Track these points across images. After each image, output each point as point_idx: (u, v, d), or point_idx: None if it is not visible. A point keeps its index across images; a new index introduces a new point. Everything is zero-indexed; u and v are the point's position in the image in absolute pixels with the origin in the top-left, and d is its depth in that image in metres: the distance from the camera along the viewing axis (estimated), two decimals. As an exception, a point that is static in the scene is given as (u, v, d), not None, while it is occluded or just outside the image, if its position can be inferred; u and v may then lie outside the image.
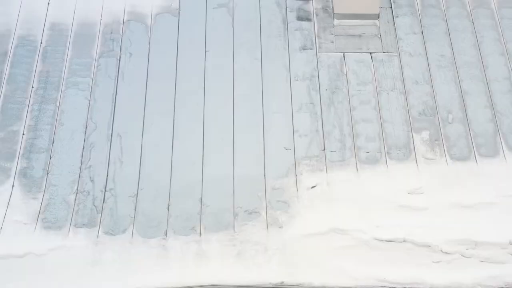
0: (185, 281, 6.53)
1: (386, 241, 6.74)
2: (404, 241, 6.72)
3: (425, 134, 7.63)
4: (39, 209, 7.09)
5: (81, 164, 7.44)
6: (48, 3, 8.71)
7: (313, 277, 6.55)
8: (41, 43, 8.38)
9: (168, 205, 7.11)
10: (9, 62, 8.20)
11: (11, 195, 7.18)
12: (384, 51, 8.32)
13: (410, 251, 6.68)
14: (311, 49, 8.35)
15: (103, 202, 7.13)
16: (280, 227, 6.92)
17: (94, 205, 7.11)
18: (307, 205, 7.08)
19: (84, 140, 7.61)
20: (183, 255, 6.69)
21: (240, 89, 8.02)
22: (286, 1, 8.75)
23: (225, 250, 6.73)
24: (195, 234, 6.88)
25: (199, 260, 6.68)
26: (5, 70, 8.12)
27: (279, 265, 6.64)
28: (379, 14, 8.60)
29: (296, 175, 7.32)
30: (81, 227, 6.94)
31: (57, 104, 7.88)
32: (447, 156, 7.39)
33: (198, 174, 7.36)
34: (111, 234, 6.88)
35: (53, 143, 7.59)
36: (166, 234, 6.87)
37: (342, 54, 8.30)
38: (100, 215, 7.03)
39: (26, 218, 6.99)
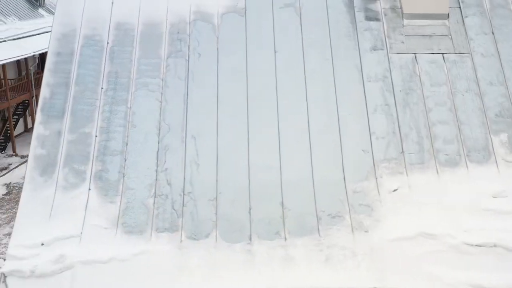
0: (273, 286, 6.38)
1: (476, 245, 6.60)
2: (495, 245, 6.58)
3: (504, 136, 7.51)
4: (118, 213, 6.93)
5: (157, 166, 7.28)
6: (112, 3, 8.54)
7: (404, 282, 6.41)
8: (108, 43, 8.21)
9: (250, 209, 6.97)
10: (76, 62, 8.02)
11: (88, 199, 7.02)
12: (455, 52, 8.18)
13: (501, 256, 6.55)
14: (381, 49, 8.21)
15: (183, 206, 6.98)
16: (365, 231, 6.78)
17: (173, 209, 6.96)
18: (390, 208, 6.94)
19: (158, 142, 7.46)
20: (270, 260, 6.55)
21: (312, 90, 7.88)
22: (353, 1, 8.59)
23: (312, 255, 6.59)
24: (280, 238, 6.74)
25: (286, 265, 6.54)
26: (72, 70, 7.94)
27: (368, 270, 6.50)
28: (448, 14, 8.45)
29: (376, 178, 7.18)
30: (162, 232, 6.79)
31: (128, 105, 7.72)
32: (529, 158, 7.27)
33: (277, 177, 7.22)
34: (194, 239, 6.73)
35: (126, 145, 7.43)
36: (250, 239, 6.72)
37: (413, 54, 8.17)
38: (181, 219, 6.88)
39: (106, 223, 6.84)
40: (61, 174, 7.18)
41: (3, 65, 32.13)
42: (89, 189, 7.09)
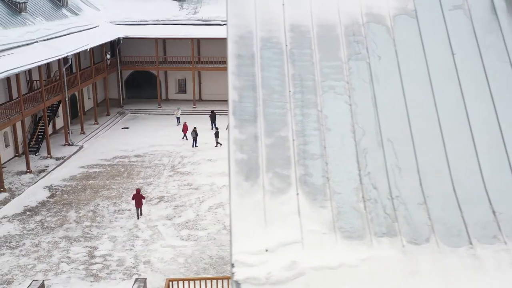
0: (507, 291, 6.33)
1: None
2: None
3: None
4: (331, 218, 6.83)
5: (359, 170, 7.19)
6: (283, 4, 8.44)
7: None
8: (286, 45, 8.11)
9: (461, 213, 6.90)
10: (259, 65, 7.92)
11: (298, 204, 6.93)
12: None
13: None
14: (558, 51, 8.16)
15: (395, 210, 6.90)
16: None
17: (386, 213, 6.87)
18: None
19: (356, 146, 7.37)
20: (498, 265, 6.49)
21: (497, 92, 7.81)
22: (522, 2, 8.55)
23: (538, 259, 6.54)
24: (500, 242, 6.67)
25: (515, 269, 6.48)
26: (256, 73, 7.84)
27: None
28: None
29: None
30: (381, 237, 6.70)
31: (319, 108, 7.63)
32: None
33: (478, 180, 7.16)
34: (416, 243, 6.65)
35: (325, 148, 7.34)
36: (471, 243, 6.66)
37: None
38: (396, 223, 6.80)
39: (322, 228, 6.74)
40: (266, 179, 7.07)
41: (39, 67, 31.79)
42: (297, 193, 6.99)
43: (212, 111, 42.26)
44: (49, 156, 33.51)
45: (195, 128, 36.91)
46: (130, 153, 35.21)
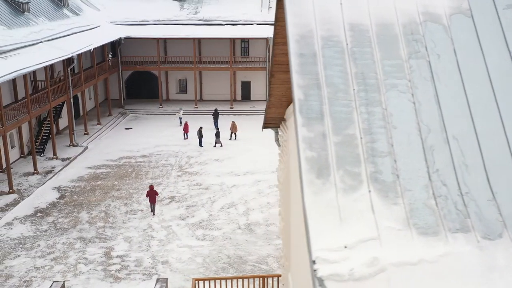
0: None
1: None
2: None
3: None
4: (405, 214, 6.91)
5: (428, 168, 7.27)
6: (341, 4, 8.50)
7: None
8: (347, 44, 8.17)
9: (532, 209, 6.99)
10: (321, 64, 7.97)
11: (371, 201, 6.99)
12: None
13: None
14: None
15: (466, 207, 6.99)
16: None
17: (458, 210, 6.96)
18: None
19: (422, 143, 7.45)
20: None
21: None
22: None
23: None
24: None
25: None
26: (319, 72, 7.90)
27: None
28: None
29: None
30: (455, 232, 6.78)
31: (383, 106, 7.70)
32: None
33: (545, 176, 7.26)
34: (490, 239, 6.74)
35: (392, 146, 7.41)
36: (546, 238, 6.76)
37: None
38: (469, 220, 6.89)
39: (397, 224, 6.81)
40: (337, 177, 7.13)
41: (45, 67, 31.59)
42: (369, 191, 7.05)
43: (215, 109, 42.34)
44: (55, 157, 33.33)
45: (200, 128, 36.89)
46: (136, 153, 35.10)
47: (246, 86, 49.66)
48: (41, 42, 33.72)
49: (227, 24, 46.83)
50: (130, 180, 30.04)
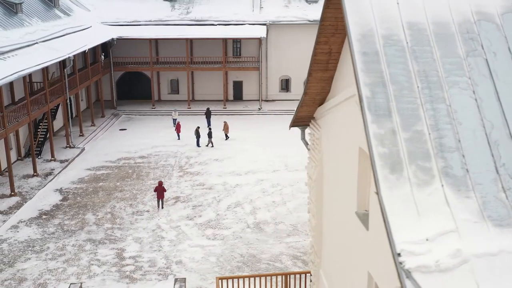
0: None
1: None
2: None
3: None
4: (478, 207, 7.14)
5: (495, 162, 7.51)
6: (398, 3, 8.70)
7: None
8: (407, 42, 8.37)
9: None
10: (384, 62, 8.16)
11: (445, 194, 7.20)
12: None
13: None
14: None
15: (538, 199, 7.23)
16: None
17: (528, 202, 7.20)
18: None
19: (487, 138, 7.69)
20: None
21: None
22: None
23: None
24: None
25: None
26: (383, 70, 8.08)
27: None
28: None
29: None
30: (528, 224, 7.03)
31: (447, 103, 7.92)
32: None
33: None
34: None
35: (459, 141, 7.63)
36: None
37: None
38: (540, 211, 7.14)
39: (472, 217, 7.03)
40: (410, 172, 7.33)
41: (43, 68, 31.25)
42: (442, 185, 7.26)
43: (208, 108, 42.47)
44: (53, 159, 33.00)
45: (198, 128, 36.89)
46: (134, 154, 34.95)
47: (238, 86, 49.71)
48: (36, 43, 33.35)
49: (219, 24, 46.85)
50: (132, 181, 29.92)
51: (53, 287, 19.13)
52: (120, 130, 41.16)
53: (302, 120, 13.88)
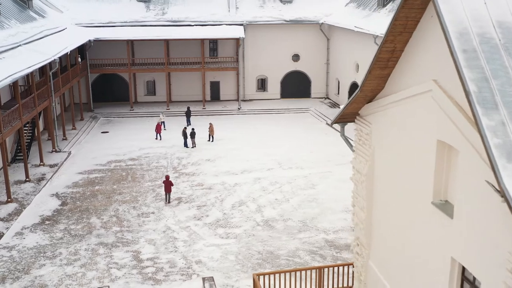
0: None
1: None
2: None
3: None
4: None
5: None
6: (485, 3, 9.24)
7: None
8: (499, 40, 8.92)
9: None
10: (483, 58, 8.68)
11: (558, 180, 7.76)
12: None
13: None
14: None
15: None
16: None
17: None
18: None
19: None
20: None
21: None
22: None
23: None
24: None
25: None
26: (484, 66, 8.60)
27: None
28: None
29: None
30: None
31: (544, 96, 8.51)
32: None
33: None
34: None
35: (561, 131, 8.22)
36: None
37: None
38: None
39: None
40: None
41: (31, 72, 30.51)
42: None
43: (188, 107, 42.73)
44: (41, 163, 32.28)
45: (185, 128, 36.87)
46: (123, 157, 34.60)
47: (215, 86, 49.80)
48: (20, 45, 32.54)
49: (196, 25, 46.85)
50: (129, 184, 29.67)
51: (77, 292, 18.90)
52: (102, 133, 40.62)
53: (346, 117, 14.31)
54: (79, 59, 43.24)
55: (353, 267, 15.17)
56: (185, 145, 36.50)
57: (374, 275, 13.87)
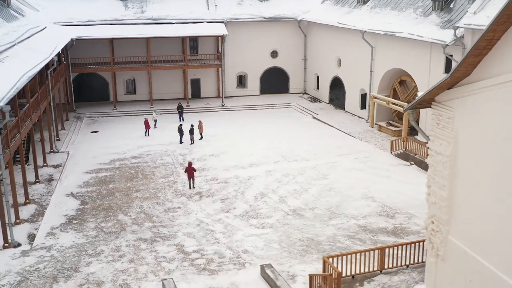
0: None
1: None
2: None
3: None
4: None
5: None
6: None
7: None
8: None
9: None
10: None
11: None
12: None
13: None
14: None
15: None
16: None
17: None
18: None
19: None
20: None
21: None
22: None
23: None
24: None
25: None
26: None
27: None
28: None
29: None
30: None
31: None
32: None
33: None
34: None
35: None
36: None
37: None
38: None
39: None
40: None
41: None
42: None
43: (179, 104, 43.02)
44: (45, 164, 31.64)
45: (180, 125, 37.03)
46: (124, 155, 34.41)
47: (195, 84, 49.97)
48: (15, 44, 31.74)
49: (176, 23, 46.86)
50: (142, 181, 29.66)
51: (138, 286, 18.99)
52: (91, 132, 40.09)
53: (423, 103, 15.30)
54: (63, 58, 42.38)
55: (428, 243, 16.15)
56: (181, 142, 36.66)
57: (456, 249, 14.93)
